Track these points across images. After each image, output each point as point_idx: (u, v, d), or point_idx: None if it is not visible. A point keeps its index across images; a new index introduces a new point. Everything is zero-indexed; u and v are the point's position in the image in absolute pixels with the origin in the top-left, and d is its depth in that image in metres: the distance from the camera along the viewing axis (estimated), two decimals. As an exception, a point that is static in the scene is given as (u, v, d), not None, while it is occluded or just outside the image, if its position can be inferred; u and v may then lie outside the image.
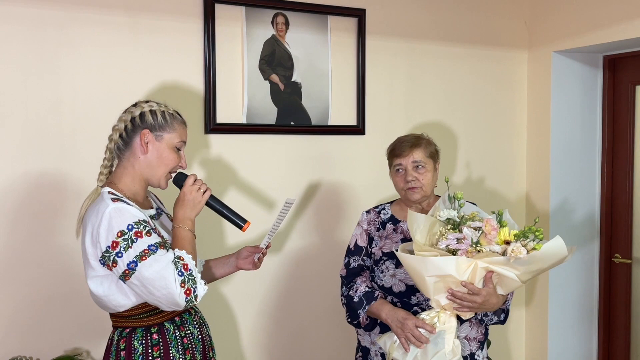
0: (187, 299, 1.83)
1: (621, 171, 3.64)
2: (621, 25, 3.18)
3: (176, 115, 2.00)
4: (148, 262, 1.80)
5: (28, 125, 2.51)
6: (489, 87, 3.62)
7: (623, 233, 3.63)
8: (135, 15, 2.68)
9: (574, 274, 3.68)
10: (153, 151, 1.95)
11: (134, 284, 1.83)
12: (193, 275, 1.85)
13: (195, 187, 1.97)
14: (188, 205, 1.96)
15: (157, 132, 1.95)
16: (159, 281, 1.80)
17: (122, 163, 1.98)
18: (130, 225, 1.82)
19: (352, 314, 2.32)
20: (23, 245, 2.52)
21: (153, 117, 1.94)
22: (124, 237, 1.81)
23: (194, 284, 1.85)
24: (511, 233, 1.95)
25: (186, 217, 1.95)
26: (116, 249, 1.81)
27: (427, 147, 2.36)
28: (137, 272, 1.80)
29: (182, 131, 2.00)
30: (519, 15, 3.68)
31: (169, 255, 1.84)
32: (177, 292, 1.80)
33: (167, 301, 1.83)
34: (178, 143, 1.99)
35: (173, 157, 1.98)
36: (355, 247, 2.43)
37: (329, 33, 3.10)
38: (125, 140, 1.95)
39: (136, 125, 1.94)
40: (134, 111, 1.96)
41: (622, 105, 3.62)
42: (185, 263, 1.85)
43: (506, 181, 3.72)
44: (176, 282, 1.80)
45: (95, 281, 1.90)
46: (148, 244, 1.82)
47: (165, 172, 1.98)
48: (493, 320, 2.25)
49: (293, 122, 3.04)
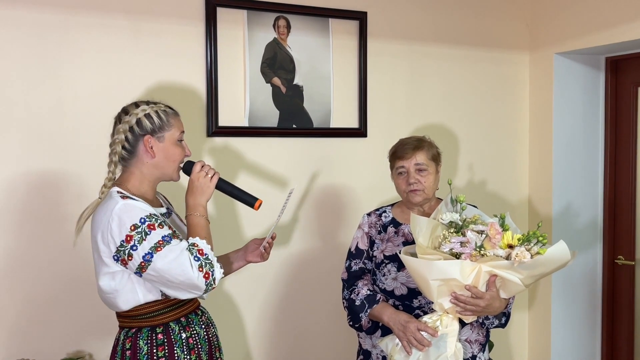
0: (207, 282, 1.85)
1: (624, 173, 3.63)
2: (623, 26, 3.17)
3: (168, 110, 2.01)
4: (163, 252, 1.82)
5: (30, 127, 2.51)
6: (490, 90, 3.62)
7: (626, 235, 3.62)
8: (136, 18, 2.68)
9: (577, 276, 3.67)
10: (159, 153, 1.97)
11: (151, 275, 1.85)
12: (210, 259, 1.88)
13: (203, 173, 2.00)
14: (197, 191, 1.99)
15: (158, 134, 1.96)
16: (175, 269, 1.82)
17: (129, 169, 1.99)
18: (143, 218, 1.85)
19: (353, 317, 2.31)
20: (25, 248, 2.52)
21: (150, 120, 1.95)
22: (137, 230, 1.83)
23: (212, 267, 1.87)
24: (515, 237, 1.95)
25: (197, 203, 1.98)
26: (130, 242, 1.83)
27: (429, 149, 2.35)
28: (153, 263, 1.82)
29: (179, 123, 2.02)
30: (521, 17, 3.68)
31: (182, 244, 1.86)
32: (195, 276, 1.83)
33: (188, 286, 1.85)
34: (178, 136, 2.01)
35: (178, 151, 2.01)
36: (356, 250, 2.43)
37: (330, 36, 3.10)
38: (129, 149, 1.97)
39: (136, 133, 1.95)
40: (130, 120, 1.96)
41: (624, 107, 3.61)
42: (200, 248, 1.88)
43: (508, 184, 3.72)
44: (193, 268, 1.83)
45: (107, 277, 1.91)
46: (162, 235, 1.85)
47: (175, 168, 2.02)
48: (494, 323, 2.24)
49: (295, 125, 3.04)
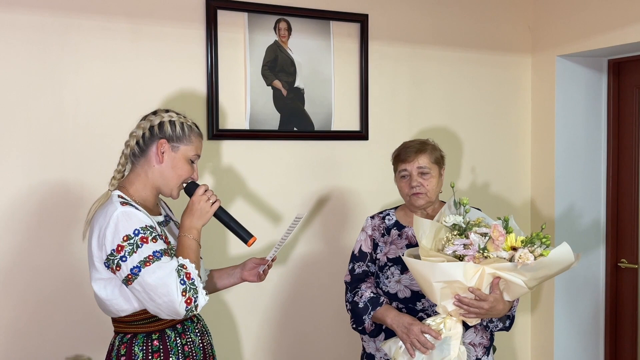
0: (188, 308, 1.83)
1: (626, 175, 3.62)
2: (625, 28, 3.17)
3: (194, 128, 2.01)
4: (151, 268, 1.80)
5: (31, 132, 2.50)
6: (492, 92, 3.61)
7: (629, 238, 3.61)
8: (137, 22, 2.67)
9: (580, 280, 3.66)
10: (168, 161, 1.95)
11: (136, 289, 1.83)
12: (195, 285, 1.86)
13: (205, 197, 1.97)
14: (196, 214, 1.96)
15: (174, 142, 1.95)
16: (160, 288, 1.80)
17: (136, 170, 1.98)
18: (137, 230, 1.83)
19: (357, 319, 2.30)
20: (25, 251, 2.51)
21: (172, 127, 1.95)
22: (130, 241, 1.81)
23: (196, 293, 1.85)
24: (518, 239, 1.94)
25: (193, 226, 1.95)
26: (121, 252, 1.81)
27: (432, 152, 2.34)
28: (140, 277, 1.80)
29: (199, 144, 2.01)
30: (522, 19, 3.67)
31: (172, 263, 1.84)
32: (178, 301, 1.80)
33: (168, 309, 1.83)
34: (193, 156, 2.00)
35: (187, 168, 1.98)
36: (359, 252, 2.42)
37: (331, 38, 3.09)
38: (142, 147, 1.96)
39: (154, 134, 1.95)
40: (154, 120, 1.96)
41: (627, 109, 3.60)
42: (188, 272, 1.85)
43: (511, 186, 3.71)
44: (177, 291, 1.81)
45: (99, 284, 1.90)
46: (153, 250, 1.83)
47: (177, 183, 1.99)
48: (498, 326, 2.23)
49: (296, 128, 3.03)
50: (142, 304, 1.87)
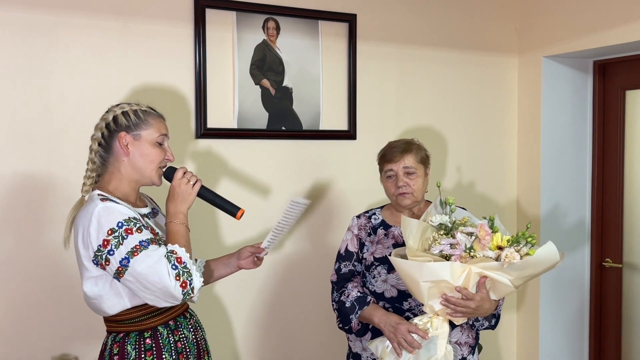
0: (184, 291, 1.82)
1: (611, 175, 3.65)
2: (611, 30, 3.19)
3: (149, 111, 1.99)
4: (140, 257, 1.80)
5: (16, 128, 2.48)
6: (479, 92, 3.63)
7: (613, 237, 3.64)
8: (125, 19, 2.66)
9: (565, 279, 3.69)
10: (134, 151, 1.94)
11: (129, 281, 1.82)
12: (188, 268, 1.85)
13: (185, 180, 1.96)
14: (178, 198, 1.95)
15: (134, 131, 1.94)
16: (152, 276, 1.79)
17: (108, 169, 1.97)
18: (120, 222, 1.82)
19: (343, 319, 2.31)
20: (11, 250, 2.50)
21: (126, 118, 1.94)
22: (114, 234, 1.81)
23: (190, 276, 1.84)
24: (504, 239, 1.95)
25: (177, 210, 1.94)
26: (107, 247, 1.81)
27: (417, 152, 2.36)
28: (130, 268, 1.80)
29: (160, 124, 1.99)
30: (509, 20, 3.69)
31: (161, 250, 1.83)
32: (172, 285, 1.80)
33: (164, 295, 1.82)
34: (158, 137, 1.97)
35: (156, 152, 1.96)
36: (346, 252, 2.42)
37: (320, 38, 3.10)
38: (105, 147, 1.95)
39: (112, 130, 1.94)
40: (107, 116, 1.96)
41: (612, 110, 3.63)
42: (179, 256, 1.84)
43: (497, 186, 3.73)
44: (170, 276, 1.80)
45: (90, 282, 1.89)
46: (139, 240, 1.82)
47: (153, 169, 1.97)
48: (484, 325, 2.25)
49: (284, 127, 3.03)
50: (139, 296, 1.86)
